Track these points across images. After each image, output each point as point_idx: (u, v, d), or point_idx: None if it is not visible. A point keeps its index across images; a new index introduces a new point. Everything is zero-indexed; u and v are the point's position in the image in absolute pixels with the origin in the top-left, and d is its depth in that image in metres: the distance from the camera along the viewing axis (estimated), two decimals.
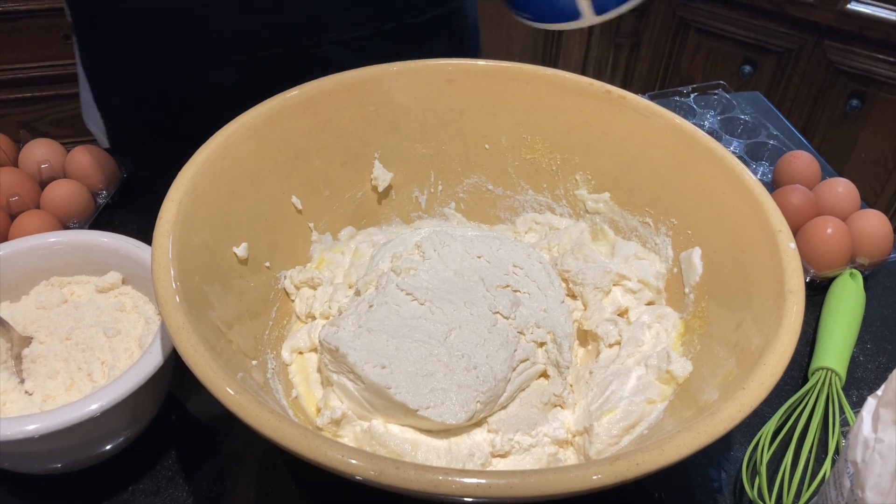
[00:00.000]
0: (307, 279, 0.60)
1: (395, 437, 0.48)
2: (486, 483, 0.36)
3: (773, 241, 0.50)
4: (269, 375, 0.53)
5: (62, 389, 0.52)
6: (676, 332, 0.56)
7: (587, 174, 0.66)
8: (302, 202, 0.62)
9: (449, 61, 0.65)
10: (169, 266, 0.46)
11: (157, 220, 0.49)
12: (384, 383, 0.48)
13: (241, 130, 0.57)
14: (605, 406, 0.50)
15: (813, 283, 0.70)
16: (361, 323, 0.52)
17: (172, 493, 0.53)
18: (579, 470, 0.37)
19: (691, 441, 0.38)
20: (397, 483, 0.36)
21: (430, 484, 0.36)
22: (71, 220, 0.70)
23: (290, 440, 0.38)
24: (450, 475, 0.36)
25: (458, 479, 0.36)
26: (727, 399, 0.41)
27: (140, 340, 0.55)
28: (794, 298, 0.46)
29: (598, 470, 0.37)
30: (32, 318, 0.56)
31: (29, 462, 0.50)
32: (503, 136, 0.67)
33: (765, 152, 0.88)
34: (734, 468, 0.57)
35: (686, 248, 0.59)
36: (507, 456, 0.49)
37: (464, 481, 0.36)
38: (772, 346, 0.43)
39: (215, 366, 0.41)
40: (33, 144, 0.74)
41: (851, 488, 0.36)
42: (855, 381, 0.64)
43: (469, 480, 0.36)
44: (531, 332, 0.54)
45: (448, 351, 0.50)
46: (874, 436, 0.35)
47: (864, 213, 0.73)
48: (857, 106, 1.50)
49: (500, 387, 0.50)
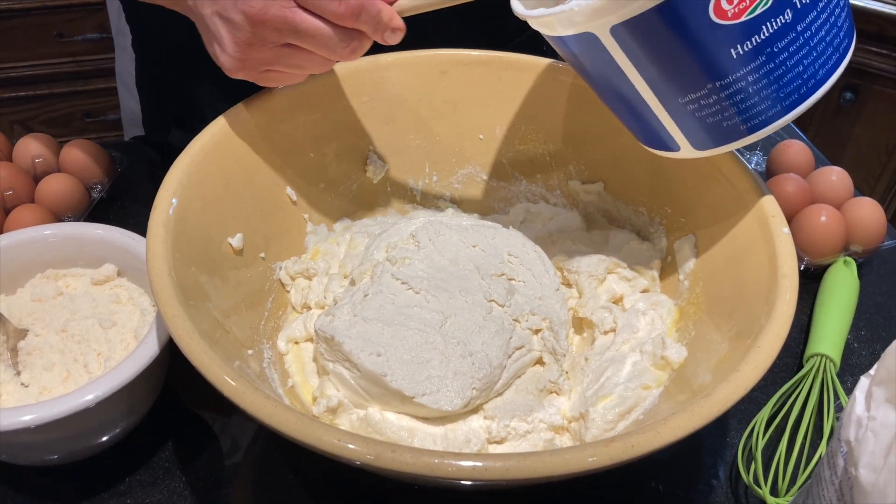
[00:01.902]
0: (302, 270, 0.60)
1: (391, 425, 0.48)
2: (483, 465, 0.36)
3: (767, 225, 0.50)
4: (266, 365, 0.53)
5: (58, 381, 0.52)
6: (671, 319, 0.56)
7: (581, 164, 0.66)
8: (297, 194, 0.62)
9: (443, 51, 0.65)
10: (164, 255, 0.46)
11: (151, 209, 0.49)
12: (380, 371, 0.48)
13: (236, 122, 0.57)
14: (601, 392, 0.50)
15: (807, 270, 0.71)
16: (357, 312, 0.52)
17: (170, 483, 0.53)
18: (574, 452, 0.37)
19: (686, 422, 0.39)
20: (394, 467, 0.36)
21: (427, 467, 0.36)
22: (66, 213, 0.70)
23: (287, 426, 0.38)
24: (446, 458, 0.36)
25: (455, 462, 0.36)
26: (722, 381, 0.41)
27: (136, 332, 0.55)
28: (787, 282, 0.46)
29: (593, 452, 0.37)
30: (28, 310, 0.56)
31: (25, 453, 0.50)
32: (497, 126, 0.68)
33: (758, 142, 0.88)
34: (730, 455, 0.57)
35: (680, 235, 0.59)
36: (504, 442, 0.49)
37: (460, 464, 0.36)
38: (766, 329, 0.44)
39: (212, 353, 0.41)
40: (27, 139, 0.74)
41: (845, 467, 0.36)
42: (849, 367, 0.64)
43: (465, 463, 0.36)
44: (526, 320, 0.54)
45: (444, 339, 0.50)
46: (867, 414, 0.35)
47: (857, 200, 0.73)
48: (851, 99, 1.51)
49: (496, 374, 0.50)
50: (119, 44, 0.86)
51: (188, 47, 0.61)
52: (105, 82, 1.61)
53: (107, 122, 1.66)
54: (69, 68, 1.60)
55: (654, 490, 0.55)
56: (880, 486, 0.34)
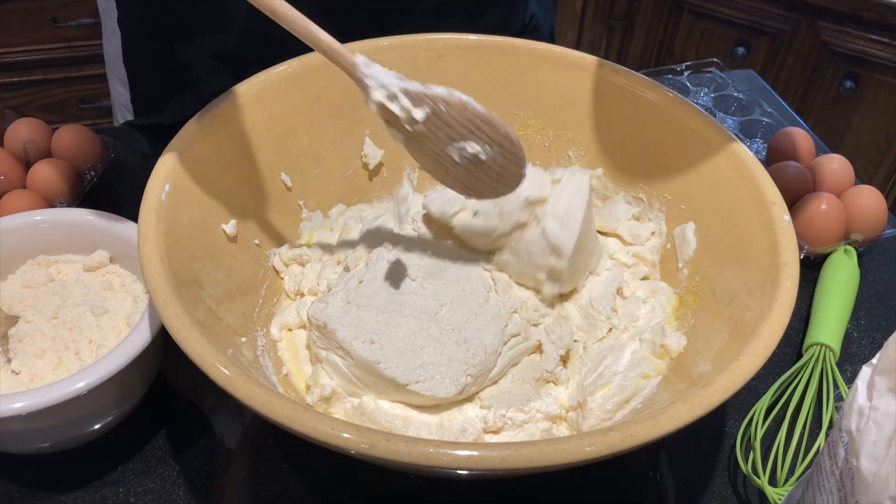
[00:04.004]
0: (296, 256, 0.59)
1: (385, 414, 0.48)
2: (479, 455, 0.36)
3: (768, 213, 0.50)
4: (259, 352, 0.52)
5: (49, 368, 0.51)
6: (671, 307, 0.55)
7: (580, 150, 0.65)
8: (291, 180, 0.61)
9: (439, 36, 0.65)
10: (156, 242, 0.46)
11: (143, 195, 0.48)
12: (373, 358, 0.47)
13: (229, 106, 0.56)
14: (599, 381, 0.50)
15: (807, 259, 0.70)
16: (350, 299, 0.51)
17: (163, 472, 0.53)
18: (572, 441, 0.37)
19: (685, 412, 0.38)
20: (389, 456, 0.36)
21: (423, 456, 0.36)
22: (58, 199, 0.69)
23: (281, 414, 0.37)
24: (441, 447, 0.36)
25: (451, 451, 0.36)
26: (721, 370, 0.41)
27: (128, 319, 0.54)
28: (788, 271, 0.46)
29: (591, 441, 0.37)
30: (19, 297, 0.56)
31: (17, 441, 0.50)
32: (495, 112, 0.66)
33: (759, 129, 0.88)
34: (729, 444, 0.57)
35: (680, 223, 0.59)
36: (500, 432, 0.49)
37: (456, 453, 0.36)
38: (766, 318, 0.43)
39: (204, 341, 0.40)
40: (18, 124, 0.72)
41: (846, 457, 0.36)
42: (849, 356, 0.64)
43: (461, 452, 0.36)
44: (525, 312, 0.54)
45: (438, 326, 0.50)
46: (869, 404, 0.35)
47: (858, 189, 0.72)
48: (852, 87, 1.50)
49: (491, 360, 0.50)
50: (107, 26, 0.84)
51: (178, 15, 0.59)
52: (99, 68, 1.57)
53: (101, 109, 1.65)
54: (63, 54, 1.58)
55: (651, 479, 0.54)
56: (882, 476, 0.33)
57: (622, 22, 1.77)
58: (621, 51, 1.83)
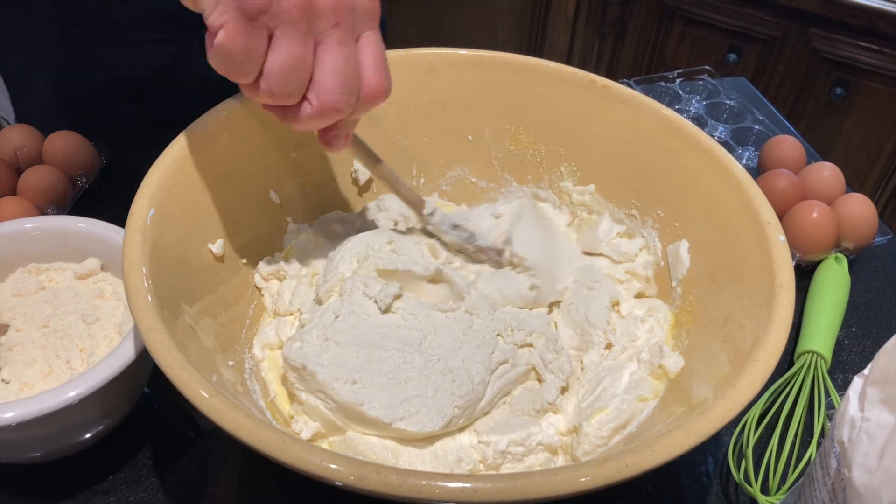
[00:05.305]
0: (274, 272, 0.58)
1: (373, 446, 0.46)
2: (471, 487, 0.35)
3: (763, 233, 0.49)
4: (247, 375, 0.51)
5: (40, 377, 0.51)
6: (668, 325, 0.55)
7: (572, 166, 0.65)
8: (280, 196, 0.60)
9: (430, 51, 0.64)
10: (140, 264, 0.44)
11: (128, 215, 0.47)
12: (356, 400, 0.45)
13: (215, 122, 0.54)
14: (597, 404, 0.49)
15: (798, 267, 0.70)
16: (328, 335, 0.49)
17: (154, 481, 0.52)
18: (567, 472, 0.36)
19: (683, 440, 0.38)
20: (379, 489, 0.35)
21: (414, 489, 0.35)
22: (49, 206, 0.68)
23: (267, 445, 0.36)
24: (434, 479, 0.35)
25: (443, 484, 0.35)
26: (718, 397, 0.40)
27: (120, 327, 0.54)
28: (784, 293, 0.45)
29: (586, 472, 0.36)
30: (9, 305, 0.55)
31: (7, 451, 0.49)
32: (486, 127, 0.66)
33: (750, 137, 0.88)
34: (721, 452, 0.57)
35: (673, 240, 0.58)
36: (500, 468, 0.47)
37: (448, 486, 0.35)
38: (762, 342, 0.43)
39: (190, 368, 0.39)
40: (9, 130, 0.72)
41: (838, 468, 0.36)
42: (840, 364, 0.64)
43: (454, 485, 0.35)
44: (510, 335, 0.52)
45: (423, 356, 0.48)
46: (861, 415, 0.35)
47: (849, 197, 0.73)
48: (842, 94, 1.51)
49: (479, 390, 0.48)
50: None
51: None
52: None
53: None
54: None
55: (643, 489, 0.54)
56: (874, 487, 0.33)
57: (614, 28, 1.78)
58: (613, 57, 1.83)
